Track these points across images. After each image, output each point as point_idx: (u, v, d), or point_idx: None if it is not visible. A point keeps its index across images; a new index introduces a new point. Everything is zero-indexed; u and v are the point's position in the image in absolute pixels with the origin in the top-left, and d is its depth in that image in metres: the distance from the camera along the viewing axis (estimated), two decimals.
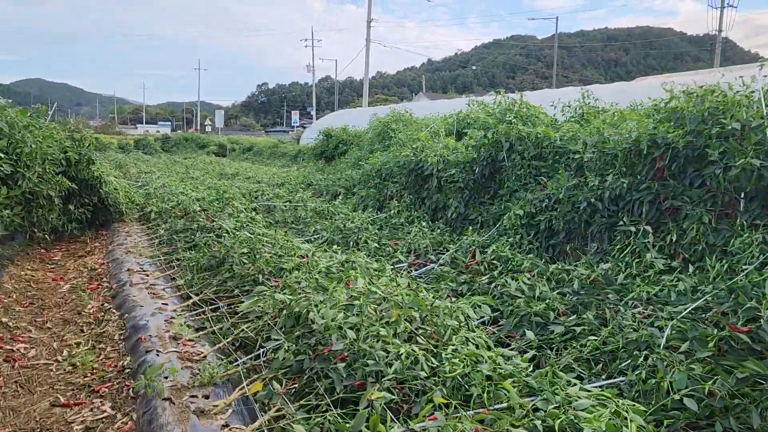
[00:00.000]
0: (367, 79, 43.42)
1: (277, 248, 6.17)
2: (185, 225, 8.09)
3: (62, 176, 7.63)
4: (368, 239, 6.88)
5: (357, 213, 9.09)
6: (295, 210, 10.39)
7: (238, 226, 7.93)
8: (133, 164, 25.61)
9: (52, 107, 10.63)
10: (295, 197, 11.25)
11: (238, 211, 8.81)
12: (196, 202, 10.19)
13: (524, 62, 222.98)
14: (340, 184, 12.11)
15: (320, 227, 8.56)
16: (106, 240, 9.04)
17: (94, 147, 8.58)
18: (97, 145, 8.78)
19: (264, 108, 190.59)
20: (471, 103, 10.29)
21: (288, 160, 28.90)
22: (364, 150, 14.06)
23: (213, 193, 11.47)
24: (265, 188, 13.76)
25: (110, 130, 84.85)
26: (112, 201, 9.26)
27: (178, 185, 14.96)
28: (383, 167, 9.46)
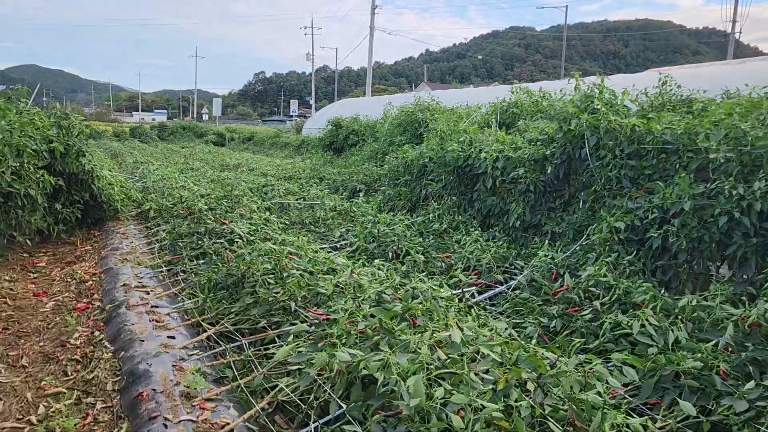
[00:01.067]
0: (370, 67, 42.18)
1: (306, 262, 5.06)
2: (191, 228, 6.96)
3: (46, 172, 6.49)
4: (411, 249, 5.77)
5: (385, 214, 7.98)
6: (311, 208, 9.28)
7: (253, 230, 6.82)
8: (129, 153, 24.39)
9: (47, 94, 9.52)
10: (309, 194, 10.13)
11: (251, 211, 7.69)
12: (200, 199, 9.08)
13: (523, 54, 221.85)
14: (358, 180, 10.99)
15: (346, 231, 7.45)
16: (98, 243, 7.90)
17: (85, 136, 7.41)
18: (89, 133, 7.61)
19: (261, 97, 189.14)
20: (516, 91, 9.15)
21: (291, 151, 27.72)
22: (381, 142, 12.91)
23: (219, 188, 10.35)
24: (273, 182, 12.64)
25: (106, 118, 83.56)
26: (106, 198, 8.12)
27: (178, 178, 13.84)
28: (416, 162, 8.35)
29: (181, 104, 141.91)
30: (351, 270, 4.85)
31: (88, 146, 7.43)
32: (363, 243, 6.36)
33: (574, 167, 5.31)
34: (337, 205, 9.04)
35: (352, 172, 11.85)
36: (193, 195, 9.43)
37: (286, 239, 6.49)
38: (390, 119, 13.29)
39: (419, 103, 11.63)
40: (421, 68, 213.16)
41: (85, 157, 7.31)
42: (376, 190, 10.22)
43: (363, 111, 31.42)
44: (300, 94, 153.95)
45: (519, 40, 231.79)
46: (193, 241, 6.66)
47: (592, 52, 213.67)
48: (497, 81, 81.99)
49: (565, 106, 5.16)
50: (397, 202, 8.42)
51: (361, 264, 5.21)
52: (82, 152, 7.21)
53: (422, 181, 8.10)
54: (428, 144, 8.32)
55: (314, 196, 9.97)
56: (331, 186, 11.83)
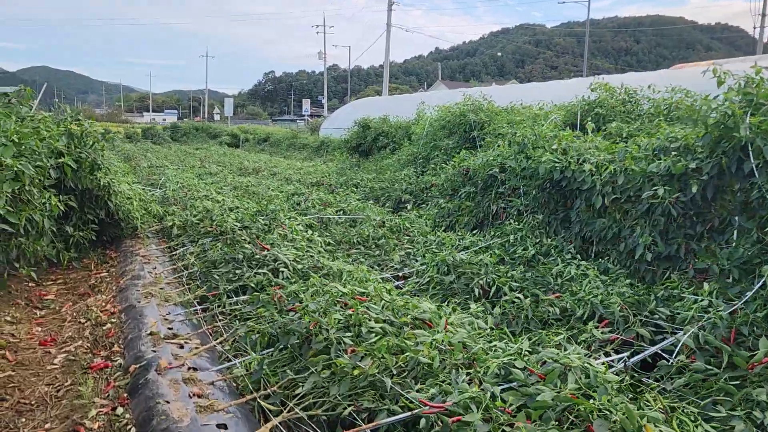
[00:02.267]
0: (387, 65, 41.06)
1: (383, 308, 3.95)
2: (225, 253, 5.87)
3: (54, 191, 5.41)
4: (503, 284, 4.64)
5: (446, 233, 6.86)
6: (355, 223, 8.17)
7: (299, 257, 5.73)
8: (143, 156, 23.42)
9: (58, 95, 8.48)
10: (349, 205, 9.02)
11: (293, 231, 6.60)
12: (229, 213, 8.01)
13: (534, 51, 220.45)
14: (401, 189, 9.85)
15: (407, 254, 6.33)
16: (116, 267, 6.83)
17: (101, 146, 6.32)
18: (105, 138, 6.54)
19: (271, 96, 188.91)
20: (596, 87, 7.98)
21: (310, 153, 26.65)
22: (421, 145, 11.78)
23: (246, 198, 9.29)
24: (303, 190, 11.55)
25: (117, 119, 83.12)
26: (124, 215, 7.04)
27: (198, 185, 12.81)
28: (481, 172, 7.22)
29: (192, 104, 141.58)
30: (446, 322, 3.75)
31: (104, 157, 6.35)
32: (438, 275, 5.23)
33: (728, 184, 4.17)
34: (385, 219, 7.93)
35: (392, 179, 10.72)
36: (220, 208, 8.37)
37: (342, 269, 5.39)
38: (429, 120, 12.15)
39: (471, 103, 10.50)
40: (431, 66, 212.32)
41: (100, 171, 6.23)
42: (424, 201, 9.09)
43: (380, 111, 30.25)
44: (310, 94, 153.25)
45: (529, 38, 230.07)
46: (230, 270, 5.56)
47: (603, 49, 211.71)
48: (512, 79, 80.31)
49: (722, 107, 4.01)
50: (459, 218, 7.28)
51: (452, 308, 4.09)
52: (98, 165, 6.13)
53: (490, 194, 6.97)
54: (496, 150, 7.22)
55: (355, 207, 8.86)
56: (369, 195, 10.72)
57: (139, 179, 15.24)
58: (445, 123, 10.97)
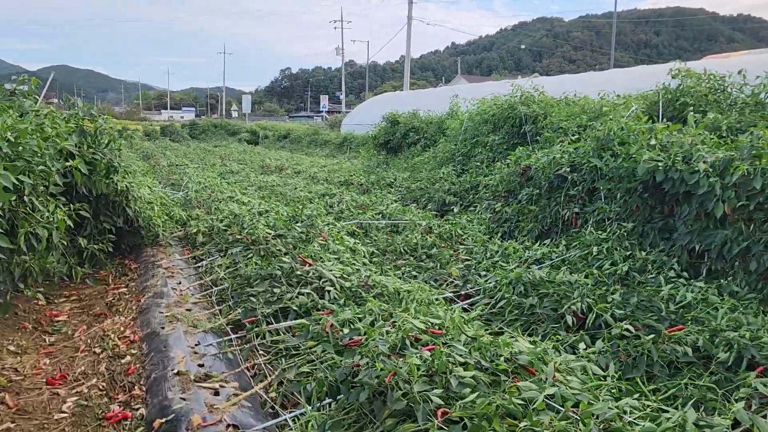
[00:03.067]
0: (408, 58, 40.18)
1: (470, 348, 3.15)
2: (261, 269, 5.09)
3: (63, 198, 4.66)
4: (606, 312, 3.81)
5: (509, 242, 6.04)
6: (397, 229, 7.37)
7: (346, 273, 4.94)
8: (162, 154, 22.84)
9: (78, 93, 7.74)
10: (387, 207, 8.22)
11: (336, 240, 5.81)
12: (258, 217, 7.27)
13: (551, 45, 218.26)
14: (443, 189, 9.02)
15: (466, 268, 5.51)
16: (135, 282, 6.09)
17: (118, 145, 5.55)
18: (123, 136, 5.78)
19: (287, 93, 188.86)
20: (678, 73, 7.05)
21: (332, 150, 25.90)
22: (459, 141, 10.92)
23: (274, 200, 8.56)
24: (334, 190, 10.77)
25: (135, 116, 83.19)
26: (144, 222, 6.30)
27: (221, 185, 12.09)
28: (546, 171, 6.37)
29: (209, 102, 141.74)
30: (554, 369, 2.94)
31: (121, 158, 5.59)
32: (509, 293, 4.41)
33: None
34: (432, 224, 7.11)
35: (430, 179, 9.88)
36: (248, 212, 7.61)
37: (398, 288, 4.59)
38: (467, 114, 11.27)
39: (521, 94, 9.60)
40: (447, 61, 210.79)
41: (117, 174, 5.48)
42: (471, 203, 8.25)
43: (403, 106, 29.31)
44: (326, 90, 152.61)
45: (547, 31, 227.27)
46: (267, 290, 4.78)
47: (622, 42, 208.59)
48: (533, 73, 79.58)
49: None
50: (521, 225, 6.45)
51: (551, 346, 3.27)
52: (114, 168, 5.37)
53: (558, 197, 6.13)
54: (562, 146, 6.39)
55: (395, 210, 8.05)
56: (405, 196, 9.90)
57: (158, 179, 14.57)
58: (489, 117, 10.10)
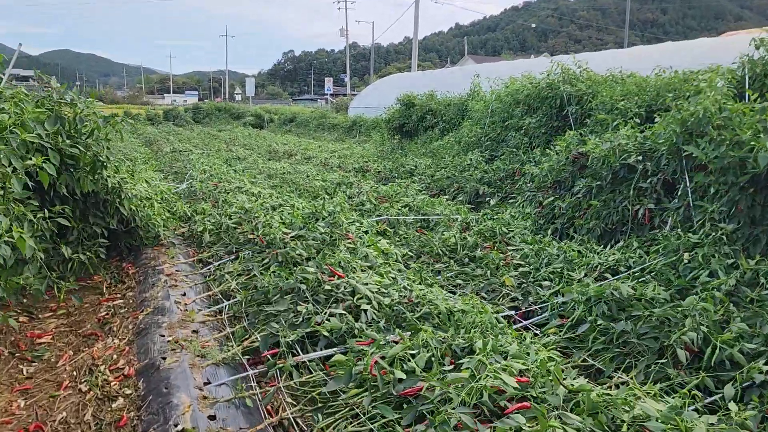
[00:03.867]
0: (416, 38, 39.03)
1: (580, 410, 2.32)
2: (282, 280, 4.26)
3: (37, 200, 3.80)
4: (733, 347, 2.96)
5: (567, 243, 5.18)
6: (428, 225, 6.52)
7: (384, 285, 4.11)
8: (165, 139, 21.97)
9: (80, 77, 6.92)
10: (414, 199, 7.36)
11: (368, 244, 4.97)
12: (271, 213, 6.46)
13: (556, 25, 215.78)
14: (474, 178, 8.13)
15: (522, 276, 4.66)
16: (133, 291, 5.26)
17: (105, 134, 4.64)
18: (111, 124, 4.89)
19: (290, 76, 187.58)
20: (762, 44, 6.08)
21: (341, 134, 24.98)
22: (486, 125, 10.00)
23: (295, 198, 7.74)
24: (350, 179, 9.91)
25: (138, 101, 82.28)
26: (142, 221, 5.46)
27: (227, 173, 11.26)
28: (611, 160, 5.47)
29: (212, 85, 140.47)
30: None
31: (110, 150, 4.69)
32: (587, 313, 3.57)
33: None
34: (468, 220, 6.26)
35: (457, 166, 8.99)
36: (260, 206, 6.79)
37: (451, 307, 3.75)
38: (495, 95, 10.34)
39: (563, 71, 8.63)
40: (451, 42, 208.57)
41: (106, 169, 4.61)
42: (509, 195, 7.37)
43: (413, 87, 28.26)
44: (330, 72, 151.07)
45: (552, 11, 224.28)
46: (289, 309, 3.94)
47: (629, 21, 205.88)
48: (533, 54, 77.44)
49: None
50: (579, 222, 5.58)
51: (681, 403, 2.43)
52: (101, 162, 4.49)
53: (626, 190, 5.25)
54: (630, 131, 5.51)
55: (422, 203, 7.19)
56: (430, 185, 9.02)
57: (161, 166, 13.73)
58: (523, 98, 9.18)
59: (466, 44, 78.26)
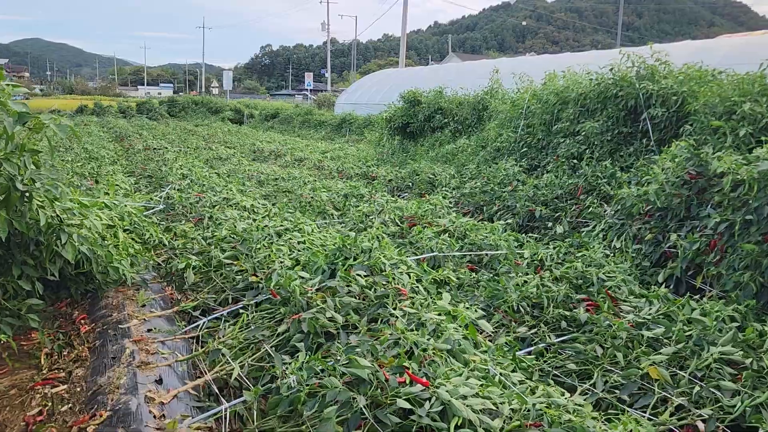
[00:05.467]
0: (404, 33, 37.48)
1: None
2: (313, 372, 2.66)
3: None
4: None
5: (709, 303, 3.66)
6: (479, 260, 4.98)
7: (488, 391, 2.53)
8: (137, 135, 20.13)
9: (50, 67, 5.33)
10: (454, 223, 5.79)
11: (424, 302, 3.40)
12: (277, 244, 4.89)
13: (534, 26, 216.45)
14: (524, 196, 6.56)
15: (669, 362, 3.13)
16: (84, 368, 3.61)
17: (33, 143, 2.95)
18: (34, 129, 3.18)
19: (267, 71, 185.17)
20: None
21: (328, 132, 23.32)
22: (521, 128, 8.46)
23: (304, 219, 6.15)
24: (358, 187, 8.32)
25: (110, 92, 79.41)
26: (99, 265, 3.81)
27: (209, 178, 9.60)
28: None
29: (187, 78, 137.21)
30: None
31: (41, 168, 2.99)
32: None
33: None
34: (543, 258, 4.72)
35: (493, 178, 7.44)
36: (260, 230, 5.19)
37: None
38: (533, 93, 8.76)
39: (638, 65, 7.06)
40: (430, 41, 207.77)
41: (33, 200, 2.94)
42: (577, 221, 5.83)
43: (405, 83, 26.74)
44: (308, 67, 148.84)
45: (530, 12, 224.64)
46: None
47: (605, 24, 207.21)
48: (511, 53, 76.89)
49: None
50: (723, 272, 4.02)
51: None
52: (19, 191, 2.80)
53: None
54: None
55: (464, 227, 5.63)
56: (460, 202, 7.44)
57: (132, 166, 11.98)
58: (575, 97, 7.64)
59: (450, 42, 76.99)
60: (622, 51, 7.45)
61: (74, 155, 11.70)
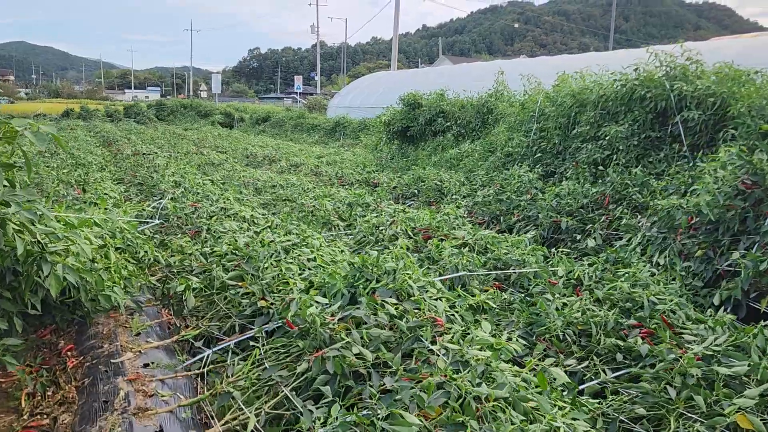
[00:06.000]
0: (396, 35, 37.08)
1: None
2: None
3: None
4: None
5: None
6: (506, 279, 4.54)
7: None
8: (126, 139, 19.53)
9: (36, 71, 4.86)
10: (475, 236, 5.34)
11: (464, 335, 2.94)
12: (283, 259, 4.44)
13: (522, 29, 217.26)
14: (547, 206, 6.10)
15: (754, 407, 2.70)
16: (70, 413, 3.13)
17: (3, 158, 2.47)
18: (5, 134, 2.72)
19: (256, 74, 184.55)
20: None
21: (322, 136, 22.82)
22: (533, 132, 8.04)
23: (309, 230, 5.69)
24: (364, 195, 7.86)
25: (97, 95, 78.44)
26: (89, 293, 3.34)
27: (203, 185, 9.12)
28: None
29: (175, 81, 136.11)
30: None
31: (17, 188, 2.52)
32: None
33: None
34: (580, 276, 4.28)
35: (509, 186, 7.00)
36: (263, 245, 4.73)
37: None
38: (547, 96, 8.32)
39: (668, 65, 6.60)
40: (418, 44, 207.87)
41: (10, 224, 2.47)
42: (613, 232, 5.38)
43: (399, 86, 26.33)
44: (296, 70, 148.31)
45: (518, 15, 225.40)
46: None
47: (592, 27, 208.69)
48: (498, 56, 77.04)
49: None
50: None
51: None
52: None
53: None
54: None
55: (487, 240, 5.19)
56: (473, 211, 7.00)
57: (121, 173, 11.46)
58: (596, 99, 7.19)
59: (440, 45, 76.70)
60: (649, 50, 7.02)
61: (60, 161, 11.15)
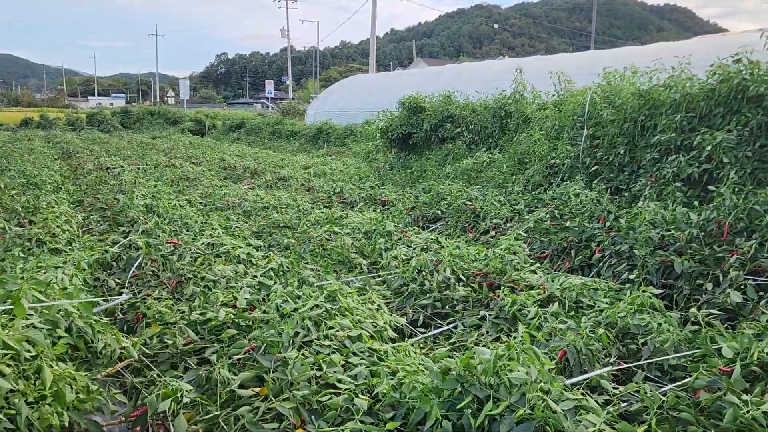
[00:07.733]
0: (374, 37, 35.66)
1: None
2: None
3: None
4: None
5: None
6: (628, 352, 3.11)
7: None
8: (88, 150, 17.73)
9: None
10: (553, 282, 3.91)
11: None
12: (314, 331, 2.91)
13: (490, 32, 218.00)
14: (647, 239, 4.62)
15: None
16: None
17: None
18: None
19: (224, 79, 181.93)
20: None
21: (303, 143, 21.21)
22: (581, 140, 6.63)
23: (345, 289, 4.17)
24: (384, 223, 6.38)
25: (59, 103, 75.40)
26: None
27: (180, 208, 7.57)
28: None
29: (140, 88, 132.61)
30: None
31: None
32: None
33: None
34: (740, 354, 2.87)
35: (571, 209, 5.60)
36: (285, 321, 3.21)
37: None
38: (599, 97, 6.87)
39: None
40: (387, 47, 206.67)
41: None
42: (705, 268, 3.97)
43: (380, 89, 24.92)
44: (265, 75, 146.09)
45: (485, 18, 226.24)
46: None
47: (558, 30, 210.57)
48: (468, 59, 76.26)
49: None
50: None
51: None
52: None
53: None
54: None
55: (573, 289, 3.77)
56: (533, 241, 5.56)
57: (80, 194, 9.77)
58: (681, 99, 5.77)
59: (414, 48, 75.48)
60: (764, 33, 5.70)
61: (7, 181, 9.42)
